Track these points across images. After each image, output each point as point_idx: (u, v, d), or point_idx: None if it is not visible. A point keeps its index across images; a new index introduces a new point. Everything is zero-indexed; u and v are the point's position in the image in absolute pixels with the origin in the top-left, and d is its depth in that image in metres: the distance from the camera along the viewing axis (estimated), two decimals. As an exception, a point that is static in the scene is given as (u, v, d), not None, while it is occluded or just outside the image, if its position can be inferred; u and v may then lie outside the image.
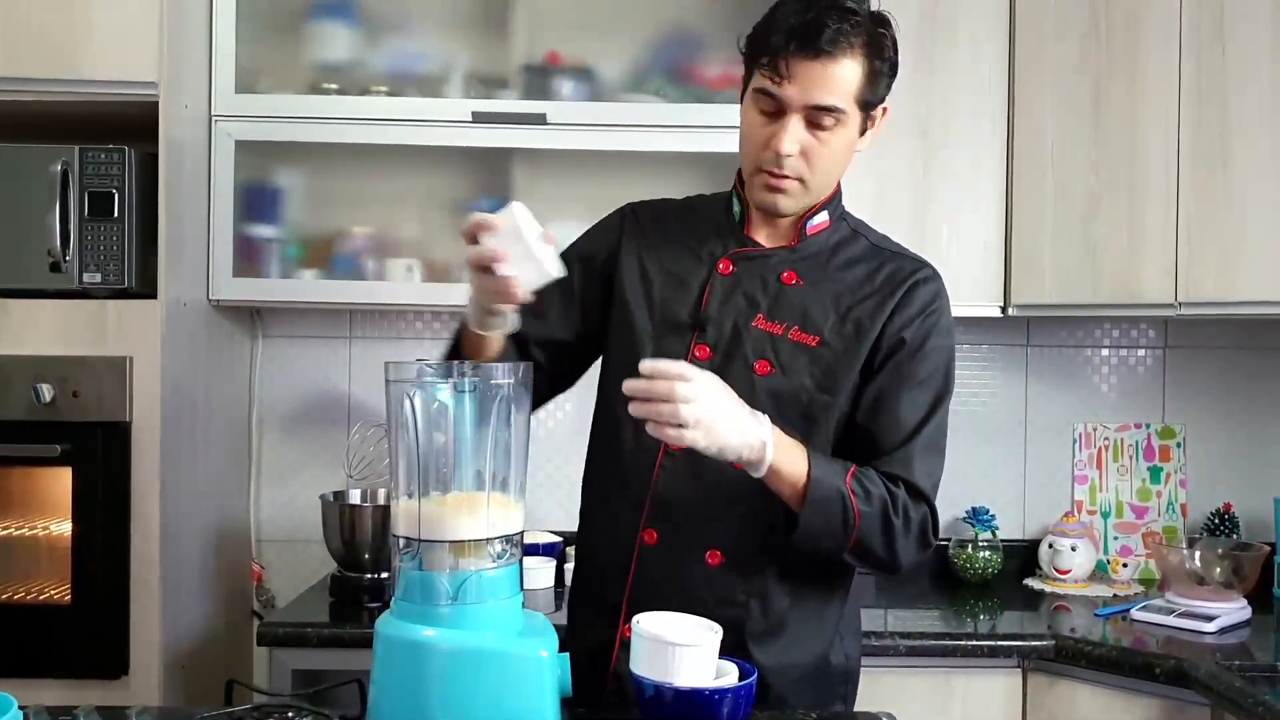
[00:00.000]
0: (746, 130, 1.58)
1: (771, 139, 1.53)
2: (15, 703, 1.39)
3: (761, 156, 1.56)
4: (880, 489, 1.55)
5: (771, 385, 1.59)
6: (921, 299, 1.63)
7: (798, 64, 1.49)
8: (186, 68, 2.47)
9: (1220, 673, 2.05)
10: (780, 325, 1.61)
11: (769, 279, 1.63)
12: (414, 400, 1.44)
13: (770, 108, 1.53)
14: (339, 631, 2.34)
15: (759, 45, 1.53)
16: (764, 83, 1.52)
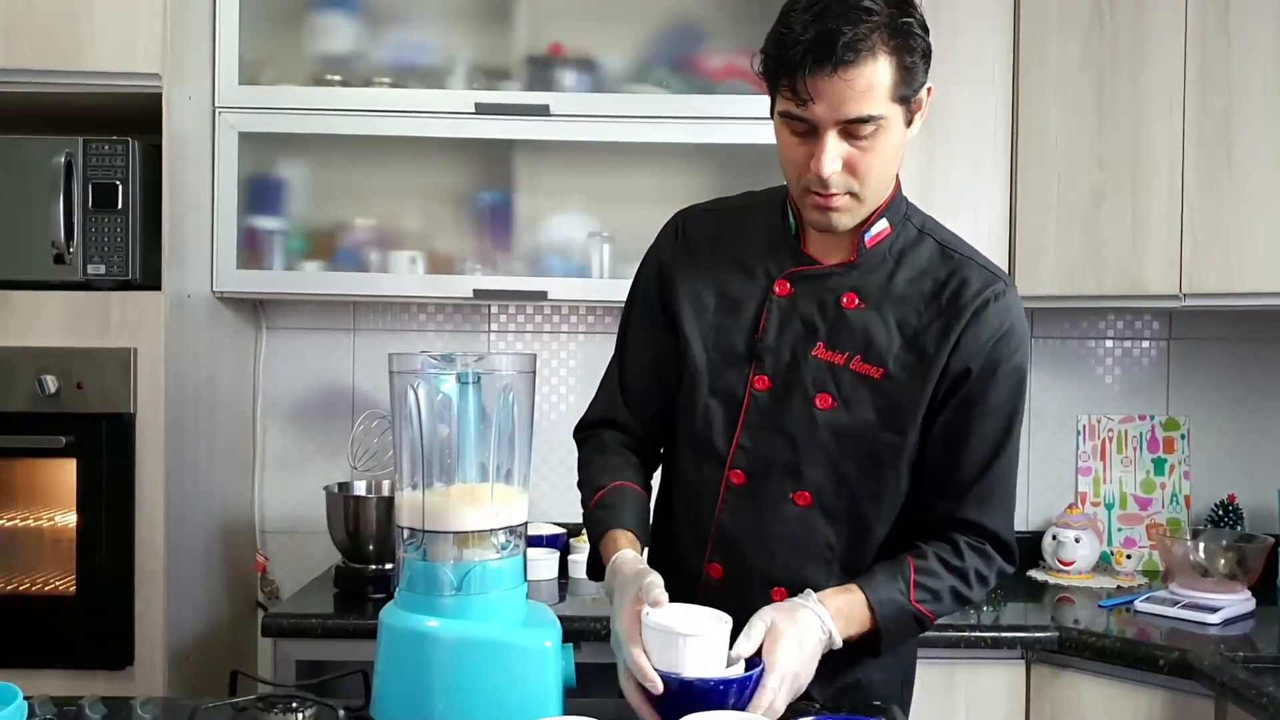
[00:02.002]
0: (784, 152, 1.48)
1: (810, 160, 1.43)
2: (20, 693, 1.39)
3: (805, 179, 1.46)
4: (947, 580, 1.52)
5: (834, 420, 1.52)
6: (991, 323, 1.51)
7: (818, 82, 1.37)
8: (190, 59, 2.46)
9: (1224, 664, 2.05)
10: (842, 355, 1.52)
11: (828, 302, 1.54)
12: (418, 392, 1.44)
13: (802, 129, 1.43)
14: (343, 623, 2.35)
15: (775, 66, 1.43)
16: (788, 106, 1.42)
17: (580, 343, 3.00)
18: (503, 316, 3.00)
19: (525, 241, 2.76)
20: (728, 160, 2.75)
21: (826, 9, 1.37)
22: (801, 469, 1.54)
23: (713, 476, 1.57)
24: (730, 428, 1.57)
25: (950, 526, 1.55)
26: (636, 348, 1.68)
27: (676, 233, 1.68)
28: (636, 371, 1.68)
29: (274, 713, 1.44)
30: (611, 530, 1.56)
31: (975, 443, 1.52)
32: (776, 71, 1.43)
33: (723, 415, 1.57)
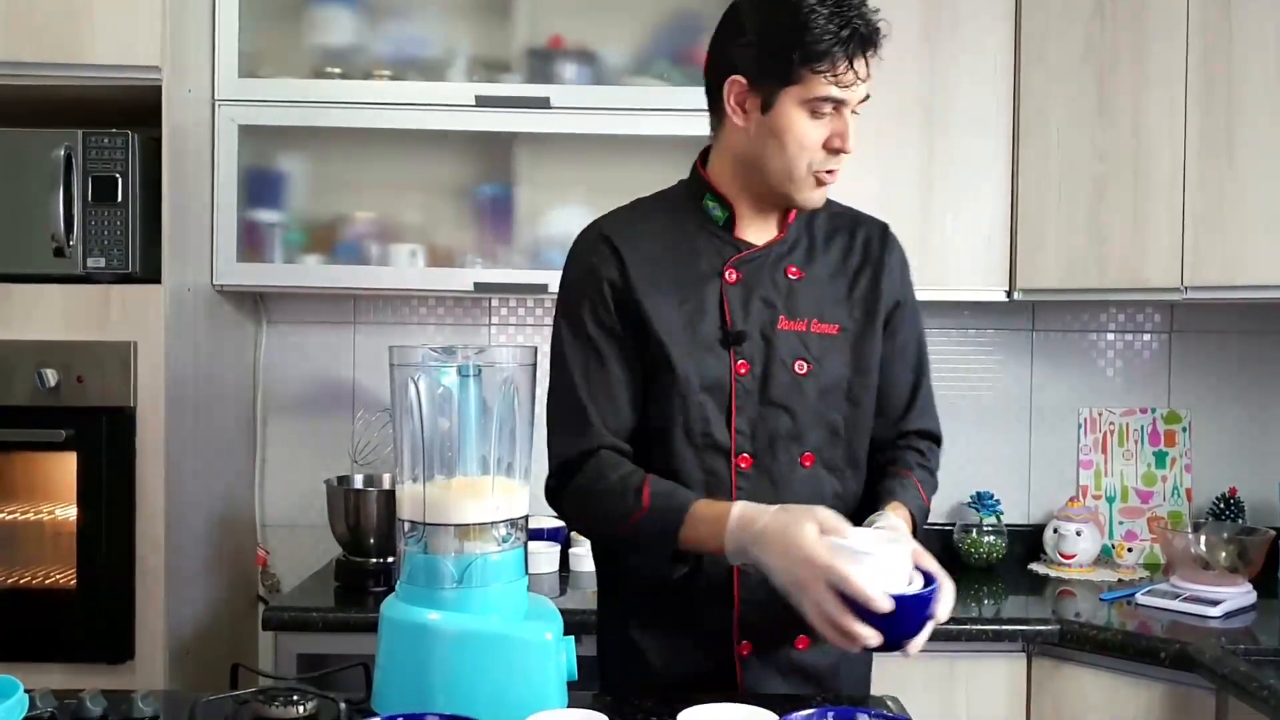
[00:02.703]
0: (797, 136, 1.56)
1: (829, 140, 1.56)
2: (21, 686, 1.39)
3: (815, 158, 1.57)
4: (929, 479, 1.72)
5: (815, 382, 1.62)
6: (899, 257, 1.74)
7: (864, 65, 1.56)
8: (189, 52, 2.46)
9: (1225, 657, 2.05)
10: (803, 321, 1.63)
11: (776, 278, 1.64)
12: (419, 385, 1.44)
13: (827, 110, 1.55)
14: (344, 616, 2.35)
15: (815, 52, 1.52)
16: (827, 89, 1.53)
17: (581, 336, 2.99)
18: (503, 309, 3.00)
19: (526, 234, 2.75)
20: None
21: (848, 6, 1.54)
22: (802, 434, 1.62)
23: (720, 468, 1.60)
24: (725, 416, 1.60)
25: (906, 436, 1.74)
26: (603, 372, 1.62)
27: (610, 248, 1.65)
28: (611, 394, 1.62)
29: (275, 705, 1.44)
30: (691, 504, 1.52)
31: (912, 363, 1.74)
32: (814, 58, 1.52)
33: (715, 407, 1.60)
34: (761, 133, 1.59)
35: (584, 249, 1.69)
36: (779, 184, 1.61)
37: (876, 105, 2.60)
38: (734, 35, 1.61)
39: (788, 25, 1.53)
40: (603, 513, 1.58)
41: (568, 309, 1.66)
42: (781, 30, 1.53)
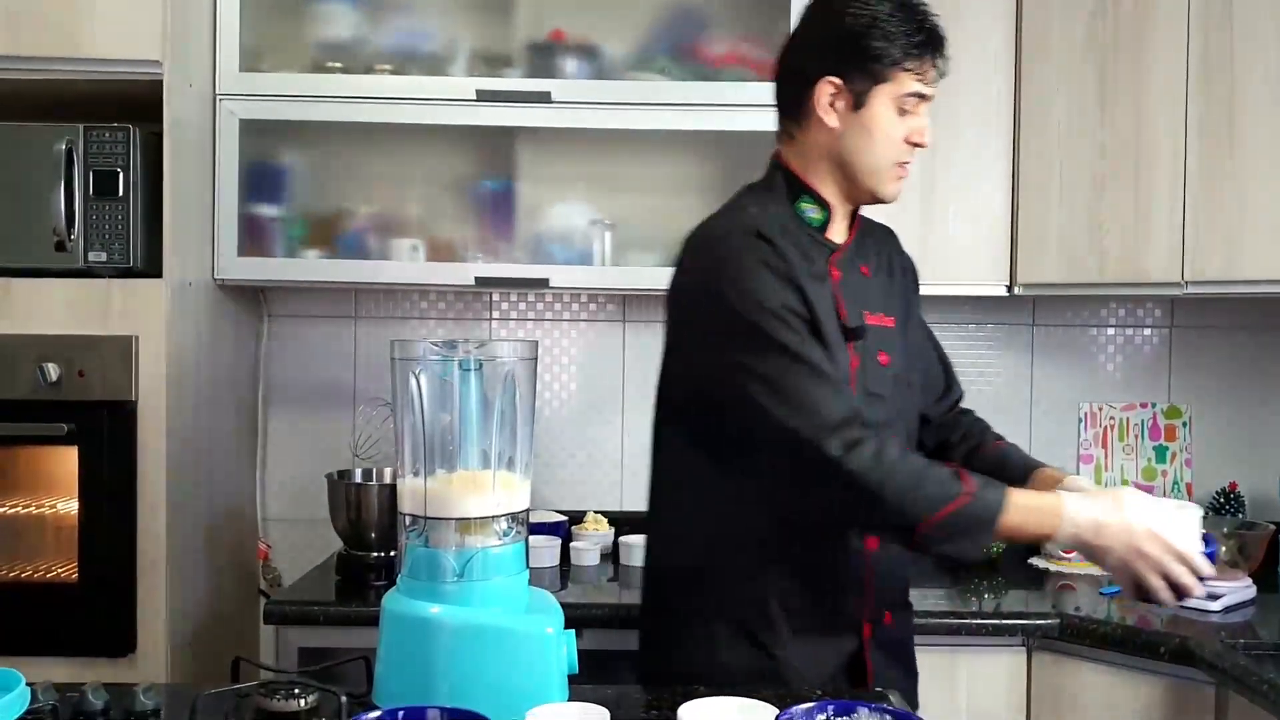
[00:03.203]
0: (884, 131, 1.69)
1: (909, 134, 1.71)
2: (23, 679, 1.40)
3: (900, 151, 1.71)
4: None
5: (892, 372, 1.75)
6: (902, 250, 1.92)
7: (936, 60, 1.71)
8: (190, 46, 2.46)
9: (1225, 651, 2.05)
10: (877, 316, 1.76)
11: (857, 275, 1.76)
12: (420, 379, 1.45)
13: (912, 106, 1.70)
14: (345, 609, 2.35)
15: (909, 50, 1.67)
16: (916, 86, 1.69)
17: (582, 330, 3.00)
18: (504, 304, 3.00)
19: (527, 229, 2.75)
20: (729, 147, 2.75)
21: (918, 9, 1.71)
22: (891, 421, 1.73)
23: None
24: None
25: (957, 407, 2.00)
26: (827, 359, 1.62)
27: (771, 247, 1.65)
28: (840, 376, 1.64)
29: (276, 699, 1.45)
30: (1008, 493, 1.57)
31: (933, 339, 1.97)
32: (913, 54, 1.68)
33: None
34: (852, 130, 1.69)
35: (748, 248, 1.64)
36: (866, 179, 1.72)
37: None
38: (821, 40, 1.71)
39: (877, 27, 1.66)
40: (926, 494, 1.54)
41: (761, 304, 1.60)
42: (872, 32, 1.66)
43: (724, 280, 1.63)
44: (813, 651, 1.70)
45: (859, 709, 1.30)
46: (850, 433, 1.54)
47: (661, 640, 1.79)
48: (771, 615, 1.68)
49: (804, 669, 1.68)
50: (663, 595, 1.80)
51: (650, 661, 1.81)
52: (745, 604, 1.70)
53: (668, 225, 2.75)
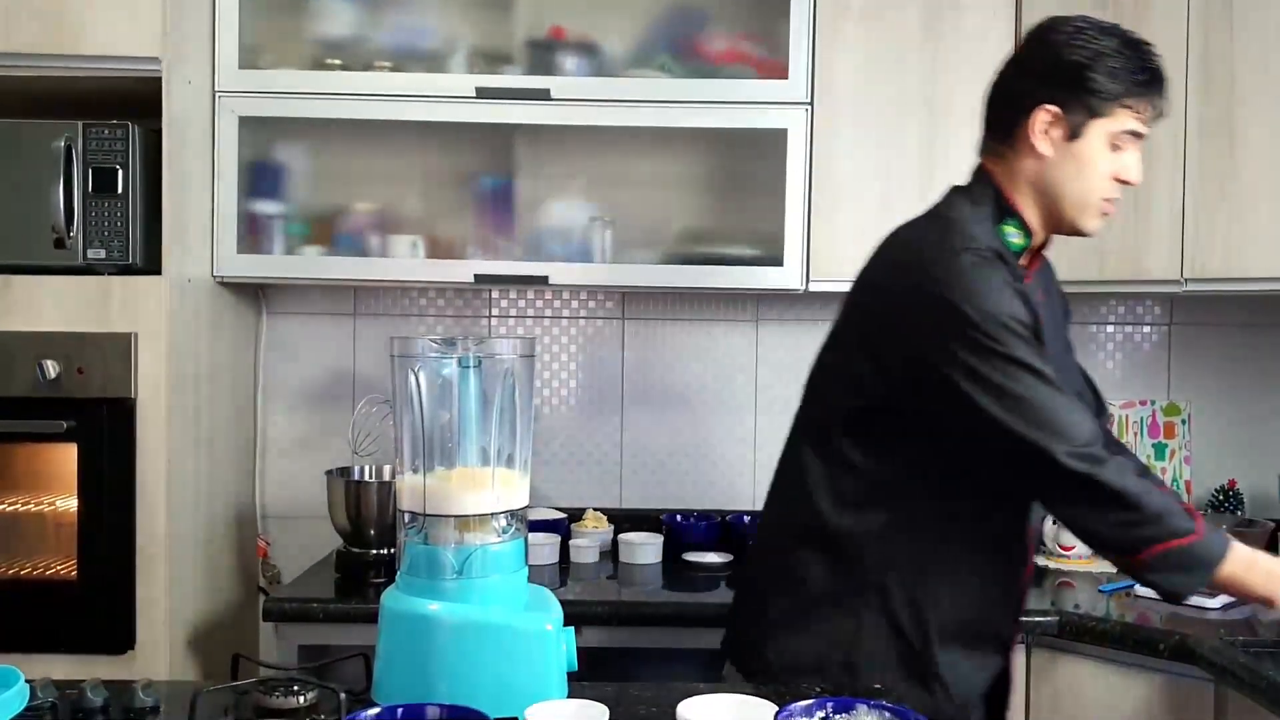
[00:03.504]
0: (1096, 165, 1.70)
1: (1119, 171, 1.71)
2: (22, 676, 1.40)
3: (1108, 187, 1.72)
4: None
5: None
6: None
7: (1155, 100, 1.71)
8: (190, 43, 2.46)
9: (1224, 649, 2.05)
10: (1057, 343, 1.79)
11: (1041, 303, 1.75)
12: (419, 376, 1.45)
13: (1127, 143, 1.71)
14: (345, 606, 2.35)
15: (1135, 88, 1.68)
16: (1133, 124, 1.69)
17: (581, 327, 3.00)
18: (504, 301, 3.00)
19: (526, 226, 2.75)
20: (728, 144, 2.75)
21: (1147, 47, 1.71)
22: None
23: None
24: None
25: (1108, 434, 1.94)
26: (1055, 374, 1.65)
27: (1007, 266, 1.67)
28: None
29: (276, 696, 1.45)
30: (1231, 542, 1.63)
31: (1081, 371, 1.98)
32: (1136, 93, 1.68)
33: None
34: (1064, 160, 1.70)
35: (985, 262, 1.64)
36: (1070, 210, 1.73)
37: (876, 97, 2.62)
38: (1044, 67, 1.71)
39: (1102, 62, 1.67)
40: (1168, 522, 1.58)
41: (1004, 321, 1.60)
42: (1096, 66, 1.67)
43: (959, 292, 1.61)
44: (958, 659, 1.73)
45: (858, 705, 1.30)
46: (1096, 448, 1.58)
47: (789, 622, 1.76)
48: (924, 615, 1.71)
49: (947, 675, 1.72)
50: (798, 577, 1.77)
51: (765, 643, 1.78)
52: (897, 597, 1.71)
53: (667, 222, 2.76)
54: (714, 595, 2.55)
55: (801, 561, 1.76)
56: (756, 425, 2.99)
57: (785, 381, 2.97)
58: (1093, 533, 1.63)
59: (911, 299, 1.65)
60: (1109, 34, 1.69)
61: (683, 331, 3.00)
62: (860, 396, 1.71)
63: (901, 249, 1.74)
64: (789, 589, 1.77)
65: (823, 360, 1.82)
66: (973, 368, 1.59)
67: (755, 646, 1.79)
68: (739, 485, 2.99)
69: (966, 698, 1.75)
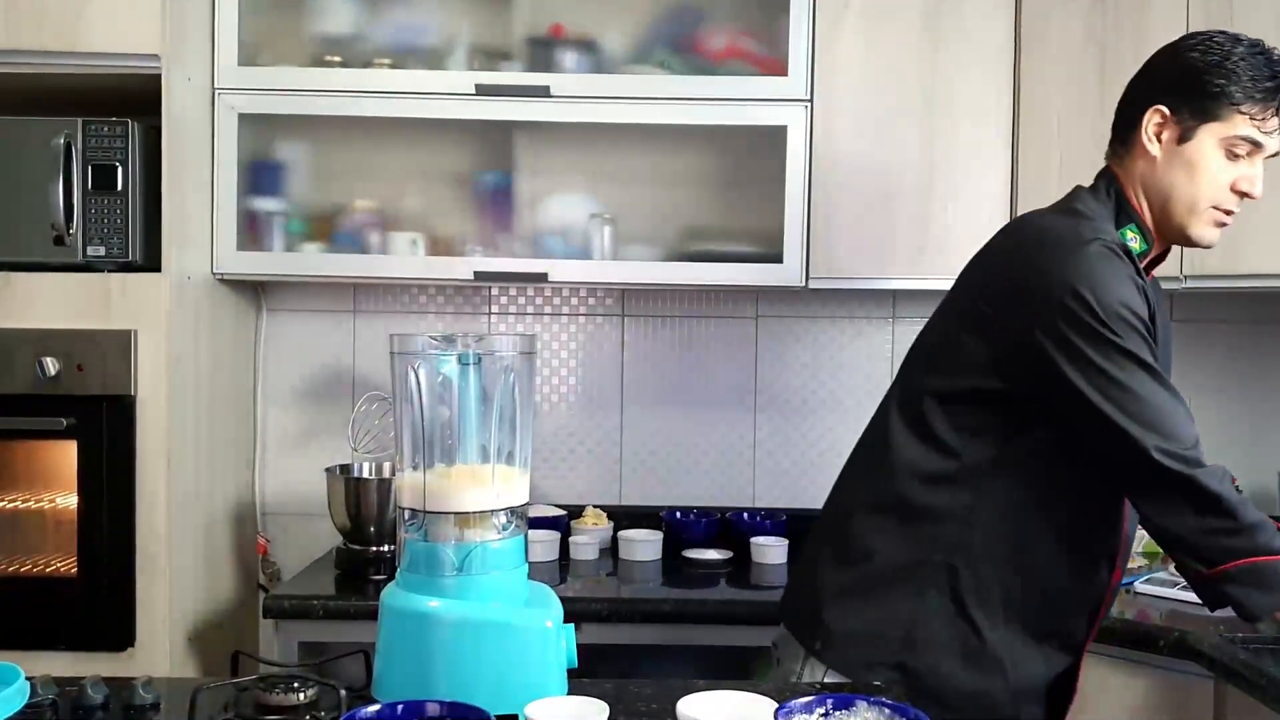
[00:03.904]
0: (1211, 173, 1.69)
1: (1236, 181, 1.70)
2: (22, 673, 1.40)
3: (1223, 196, 1.70)
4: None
5: None
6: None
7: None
8: (189, 40, 2.46)
9: (1224, 645, 2.05)
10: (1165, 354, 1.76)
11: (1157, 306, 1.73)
12: (419, 373, 1.44)
13: (1243, 152, 1.68)
14: (344, 604, 2.35)
15: (1240, 98, 1.66)
16: (1249, 130, 1.67)
17: (581, 324, 3.00)
18: (503, 298, 3.00)
19: (526, 223, 2.75)
20: (728, 141, 2.75)
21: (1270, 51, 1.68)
22: None
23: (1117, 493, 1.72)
24: None
25: None
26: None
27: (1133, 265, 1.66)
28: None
29: (276, 693, 1.45)
30: None
31: None
32: (1255, 98, 1.66)
33: None
34: (1173, 163, 1.70)
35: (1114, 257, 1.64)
36: (1179, 215, 1.72)
37: (877, 94, 2.62)
38: (1165, 70, 1.74)
39: (1221, 66, 1.66)
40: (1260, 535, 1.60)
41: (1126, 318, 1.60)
42: (1215, 69, 1.67)
43: (1081, 278, 1.60)
44: (1020, 648, 1.73)
45: (858, 702, 1.30)
46: (1196, 451, 1.60)
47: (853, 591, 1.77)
48: (992, 600, 1.71)
49: (1007, 662, 1.71)
50: (866, 548, 1.77)
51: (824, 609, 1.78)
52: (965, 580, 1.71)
53: (666, 219, 2.76)
54: (713, 592, 2.55)
55: (873, 533, 1.76)
56: (756, 422, 2.99)
57: (785, 378, 2.97)
58: (1177, 536, 1.62)
59: (1035, 280, 1.64)
60: (1236, 42, 1.68)
61: (683, 328, 2.99)
62: (965, 376, 1.70)
63: (1032, 231, 1.74)
64: (857, 559, 1.78)
65: (926, 338, 1.82)
66: (1082, 351, 1.58)
67: (814, 612, 1.80)
68: (739, 482, 2.99)
69: (1025, 688, 1.74)
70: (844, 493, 1.89)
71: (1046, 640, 1.75)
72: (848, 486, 1.89)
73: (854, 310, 2.97)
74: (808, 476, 2.95)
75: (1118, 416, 1.58)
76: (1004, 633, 1.71)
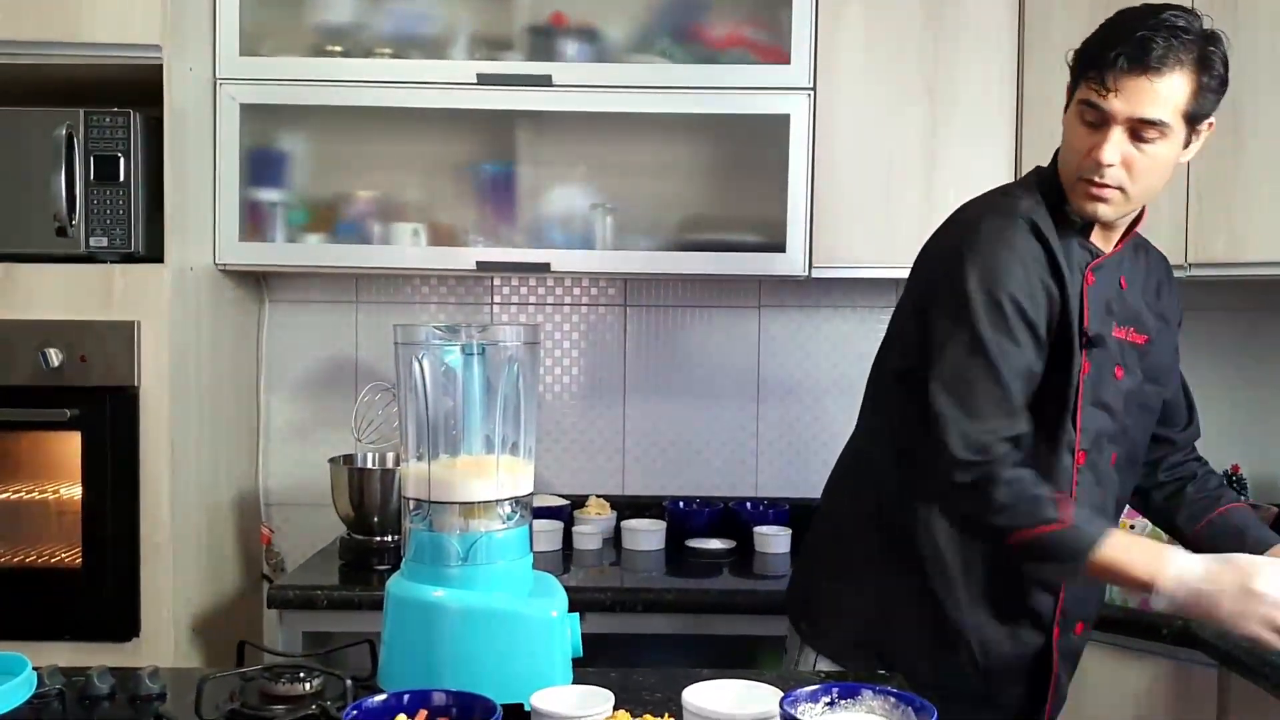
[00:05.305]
0: (1069, 139, 1.66)
1: (1094, 149, 1.61)
2: (29, 663, 1.40)
3: (1083, 165, 1.63)
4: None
5: (1125, 387, 1.74)
6: (1174, 280, 1.88)
7: (1125, 79, 1.57)
8: (190, 31, 2.45)
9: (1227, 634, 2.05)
10: (1125, 330, 1.73)
11: (1114, 286, 1.73)
12: (423, 364, 1.44)
13: (1095, 119, 1.61)
14: (349, 594, 2.36)
15: (1088, 59, 1.62)
16: (1089, 94, 1.60)
17: (583, 314, 3.00)
18: (505, 288, 2.99)
19: (528, 213, 2.75)
20: (730, 130, 2.74)
21: (1151, 23, 1.58)
22: (1115, 435, 1.74)
23: (1066, 463, 1.70)
24: (1071, 414, 1.68)
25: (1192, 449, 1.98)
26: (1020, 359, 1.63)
27: (1040, 239, 1.67)
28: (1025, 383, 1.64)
29: (281, 683, 1.45)
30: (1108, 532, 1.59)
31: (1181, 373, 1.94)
32: (1088, 64, 1.61)
33: (1062, 405, 1.68)
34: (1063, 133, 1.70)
35: (1014, 233, 1.66)
36: (1065, 187, 1.69)
37: (879, 82, 2.61)
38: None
39: (1099, 30, 1.64)
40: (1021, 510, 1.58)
41: (990, 289, 1.62)
42: (1094, 34, 1.65)
43: (967, 251, 1.64)
44: (988, 628, 1.73)
45: (863, 690, 1.30)
46: (987, 437, 1.59)
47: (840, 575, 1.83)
48: (952, 579, 1.73)
49: (974, 641, 1.73)
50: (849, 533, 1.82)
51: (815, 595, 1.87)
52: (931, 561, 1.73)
53: (668, 209, 2.76)
54: (716, 581, 2.55)
55: (850, 517, 1.82)
56: (759, 412, 2.99)
57: (788, 367, 2.97)
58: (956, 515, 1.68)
59: (932, 256, 1.74)
60: (1129, 9, 1.64)
61: (685, 318, 2.99)
62: (906, 356, 1.74)
63: (956, 210, 1.79)
64: (837, 540, 1.84)
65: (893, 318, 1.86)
66: (941, 322, 1.64)
67: (800, 595, 1.88)
68: (741, 472, 3.00)
69: (998, 668, 1.74)
70: (832, 477, 1.94)
71: (1013, 619, 1.75)
72: (835, 470, 1.94)
73: (856, 299, 2.97)
74: (810, 466, 2.95)
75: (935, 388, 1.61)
76: (970, 613, 1.73)
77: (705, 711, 1.29)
